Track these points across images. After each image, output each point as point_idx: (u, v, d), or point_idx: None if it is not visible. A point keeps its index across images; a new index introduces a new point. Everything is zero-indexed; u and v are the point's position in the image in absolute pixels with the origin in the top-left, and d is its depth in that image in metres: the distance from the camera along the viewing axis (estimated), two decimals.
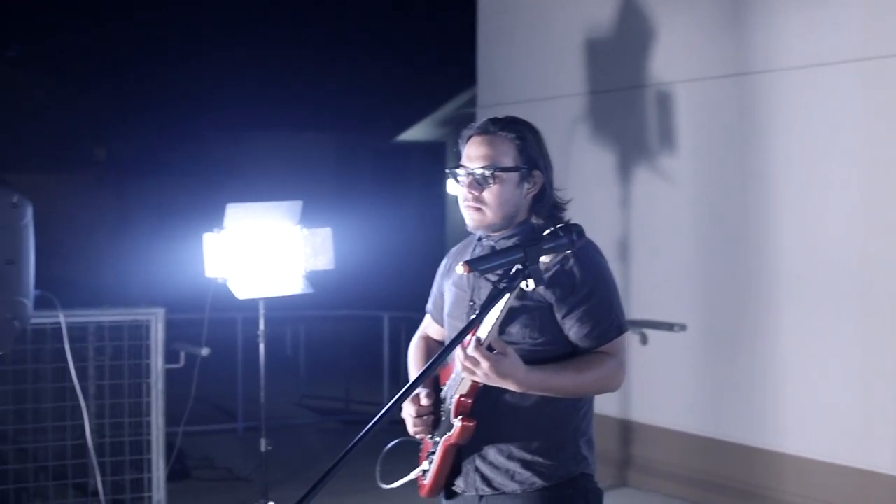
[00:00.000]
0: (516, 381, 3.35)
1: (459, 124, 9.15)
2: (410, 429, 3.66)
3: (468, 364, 3.33)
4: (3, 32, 28.04)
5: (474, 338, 3.32)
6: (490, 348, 3.31)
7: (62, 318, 4.85)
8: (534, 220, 3.66)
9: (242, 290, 5.82)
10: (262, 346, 6.08)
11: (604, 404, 8.43)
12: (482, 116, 9.56)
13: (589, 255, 3.58)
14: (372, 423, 2.89)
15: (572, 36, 8.90)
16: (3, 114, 26.61)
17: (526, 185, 3.64)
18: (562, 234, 3.25)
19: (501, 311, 3.27)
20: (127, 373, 7.06)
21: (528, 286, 3.15)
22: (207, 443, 10.00)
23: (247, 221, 5.86)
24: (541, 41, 9.31)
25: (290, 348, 14.60)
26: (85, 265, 22.90)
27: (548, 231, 3.29)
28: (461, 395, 3.48)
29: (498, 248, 3.61)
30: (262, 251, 5.91)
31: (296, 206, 5.99)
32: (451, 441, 3.54)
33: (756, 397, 7.64)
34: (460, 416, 3.50)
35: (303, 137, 23.67)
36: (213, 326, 8.63)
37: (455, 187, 3.68)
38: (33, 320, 6.65)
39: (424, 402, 3.62)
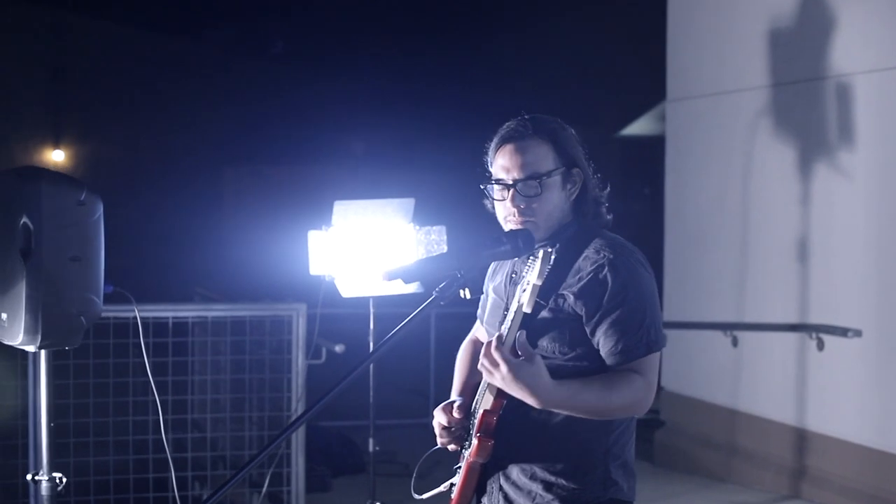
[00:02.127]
0: (538, 393, 3.12)
1: None
2: (438, 439, 3.51)
3: (487, 364, 3.15)
4: (267, 30, 28.98)
5: (496, 336, 3.16)
6: (517, 354, 3.13)
7: (137, 313, 4.89)
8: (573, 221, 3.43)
9: (348, 288, 5.76)
10: (371, 345, 6.00)
11: (778, 411, 8.11)
12: (672, 111, 9.38)
13: (626, 264, 3.29)
14: (283, 433, 2.78)
15: (755, 27, 8.51)
16: (267, 108, 27.46)
17: (569, 186, 3.40)
18: (505, 240, 3.04)
19: (517, 312, 3.11)
20: (268, 367, 7.14)
21: (464, 295, 2.96)
22: (398, 436, 10.00)
23: (355, 219, 5.80)
24: (725, 33, 8.96)
25: None
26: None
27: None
28: (485, 411, 3.31)
29: (537, 256, 3.42)
30: (372, 249, 5.83)
31: (408, 203, 5.88)
32: (472, 458, 3.37)
33: None
34: (479, 434, 3.33)
35: None
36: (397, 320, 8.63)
37: (495, 204, 3.43)
38: (176, 314, 6.86)
39: (456, 413, 3.46)
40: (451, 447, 3.50)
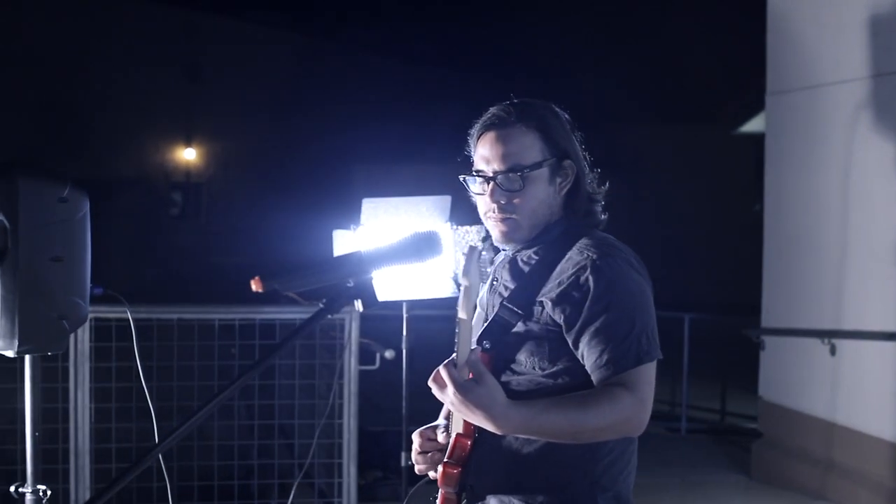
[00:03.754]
0: (491, 416, 2.75)
1: None
2: (415, 466, 3.15)
3: (435, 385, 2.81)
4: (402, 30, 28.89)
5: (450, 359, 2.81)
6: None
7: (129, 315, 4.61)
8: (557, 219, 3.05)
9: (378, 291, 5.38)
10: (404, 352, 5.64)
11: (877, 425, 7.54)
12: (771, 105, 8.83)
13: (612, 264, 2.87)
14: (152, 453, 2.46)
15: (856, 15, 7.93)
16: (398, 107, 27.37)
17: (558, 180, 3.02)
18: (409, 245, 2.66)
19: (465, 328, 2.78)
20: (317, 373, 6.86)
21: (358, 307, 2.60)
22: None
23: (386, 218, 5.44)
24: (825, 21, 8.39)
25: None
26: None
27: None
28: (458, 434, 2.95)
29: (520, 259, 3.04)
30: None
31: (444, 201, 5.49)
32: (440, 487, 3.01)
33: None
34: (446, 461, 2.97)
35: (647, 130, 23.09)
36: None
37: (476, 199, 3.10)
38: (223, 316, 6.61)
39: (441, 437, 3.09)
40: (431, 474, 3.13)
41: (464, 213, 5.57)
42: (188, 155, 28.34)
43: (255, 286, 2.48)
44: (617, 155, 23.51)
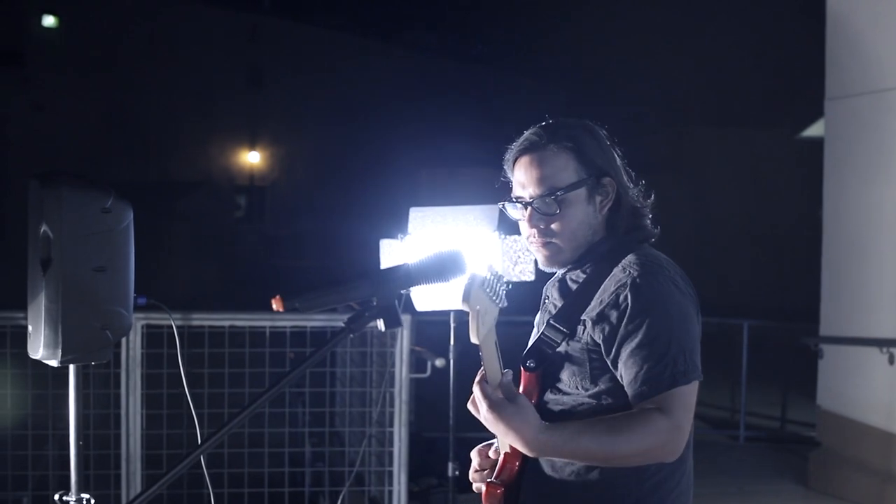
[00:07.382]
0: (523, 438, 2.73)
1: None
2: (473, 484, 3.10)
3: (472, 405, 2.81)
4: (466, 33, 28.86)
5: (481, 375, 2.79)
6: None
7: (173, 322, 4.62)
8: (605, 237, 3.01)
9: (423, 301, 5.37)
10: (451, 361, 5.62)
11: None
12: (830, 110, 8.70)
13: (652, 283, 2.82)
14: (183, 465, 2.45)
15: None
16: (464, 110, 27.35)
17: (598, 199, 2.98)
18: (432, 265, 2.63)
19: (485, 351, 2.73)
20: (369, 381, 6.85)
21: (381, 327, 2.57)
22: None
23: (434, 227, 5.41)
24: (888, 26, 8.25)
25: None
26: None
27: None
28: (505, 454, 2.92)
29: (569, 278, 3.02)
30: None
31: (492, 210, 5.45)
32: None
33: None
34: (490, 480, 2.94)
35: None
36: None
37: (519, 224, 3.08)
38: (273, 324, 6.62)
39: (492, 454, 3.06)
40: None
41: (513, 221, 5.54)
42: (252, 158, 28.49)
43: (275, 306, 2.46)
44: (678, 159, 23.38)
